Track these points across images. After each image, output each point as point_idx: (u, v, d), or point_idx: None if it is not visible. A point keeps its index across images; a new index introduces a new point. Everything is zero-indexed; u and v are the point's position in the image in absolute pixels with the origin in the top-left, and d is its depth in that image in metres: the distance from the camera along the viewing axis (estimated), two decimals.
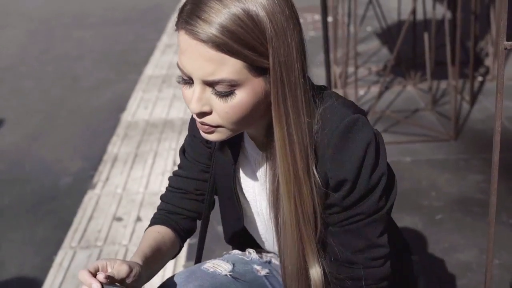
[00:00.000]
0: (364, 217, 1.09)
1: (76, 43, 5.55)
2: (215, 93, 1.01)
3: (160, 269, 1.28)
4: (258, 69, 1.00)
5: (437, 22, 3.76)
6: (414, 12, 3.43)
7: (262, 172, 1.21)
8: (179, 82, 1.06)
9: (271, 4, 0.98)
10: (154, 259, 1.22)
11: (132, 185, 2.81)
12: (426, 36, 3.60)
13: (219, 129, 1.05)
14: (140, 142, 3.31)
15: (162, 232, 1.29)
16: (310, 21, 5.87)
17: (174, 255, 1.33)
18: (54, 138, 3.53)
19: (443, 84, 3.83)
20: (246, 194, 1.27)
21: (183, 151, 1.35)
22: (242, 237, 1.36)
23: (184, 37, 0.99)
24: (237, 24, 0.96)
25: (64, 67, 4.90)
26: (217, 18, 0.96)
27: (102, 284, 1.01)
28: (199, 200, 1.33)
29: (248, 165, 1.25)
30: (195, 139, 1.32)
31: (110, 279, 1.03)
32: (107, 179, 2.90)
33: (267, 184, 1.15)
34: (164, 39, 5.33)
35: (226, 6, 0.96)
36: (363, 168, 1.06)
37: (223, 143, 1.25)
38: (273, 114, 1.03)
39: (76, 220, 2.56)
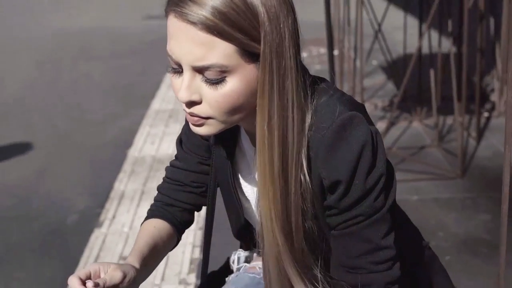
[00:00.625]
0: (364, 219, 1.03)
1: (83, 75, 5.60)
2: (205, 81, 0.96)
3: (157, 265, 1.25)
4: (250, 55, 0.96)
5: (443, 57, 3.78)
6: (420, 49, 3.45)
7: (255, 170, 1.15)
8: (168, 72, 1.01)
9: None
10: (152, 257, 1.19)
11: (139, 223, 2.82)
12: (432, 72, 3.62)
13: (209, 121, 1.00)
14: (147, 179, 3.32)
15: (159, 226, 1.25)
16: (316, 54, 5.91)
17: (171, 248, 1.29)
18: (61, 174, 3.54)
19: (449, 120, 3.83)
20: (245, 190, 1.21)
21: (179, 141, 1.30)
22: (247, 231, 1.30)
23: (173, 21, 0.95)
24: (229, 6, 0.92)
25: (71, 100, 4.94)
26: (209, 0, 0.92)
27: None
28: (196, 193, 1.29)
29: (245, 161, 1.19)
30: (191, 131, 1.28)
31: (102, 286, 0.99)
32: (113, 217, 2.90)
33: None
34: None
35: None
36: (358, 169, 1.00)
37: (219, 138, 1.19)
38: (257, 103, 0.98)
39: (82, 260, 2.55)
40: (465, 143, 3.44)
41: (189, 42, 0.93)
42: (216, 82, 0.95)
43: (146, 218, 1.27)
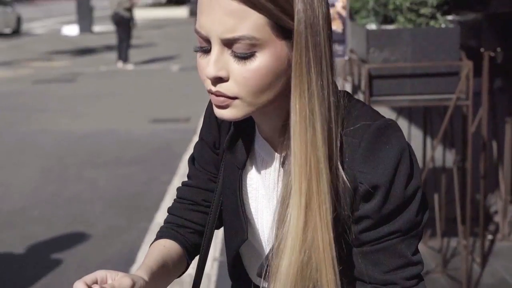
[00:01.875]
0: (401, 235, 0.97)
1: (88, 184, 5.63)
2: (234, 56, 0.93)
3: (166, 285, 1.17)
4: (281, 30, 0.92)
5: (447, 176, 3.81)
6: (423, 172, 3.48)
7: (272, 179, 1.08)
8: (195, 51, 0.98)
9: None
10: (160, 275, 1.11)
11: None
12: (436, 196, 3.64)
13: (235, 102, 0.95)
14: None
15: (168, 246, 1.19)
16: None
17: (181, 273, 1.22)
18: None
19: (453, 242, 3.82)
20: (252, 205, 1.13)
21: (192, 159, 1.26)
22: (242, 265, 1.21)
23: None
24: None
25: (75, 211, 4.94)
26: None
27: None
28: (207, 213, 1.21)
29: (254, 173, 1.12)
30: (202, 143, 1.23)
31: None
32: None
33: (278, 191, 1.00)
34: (175, 182, 5.40)
35: None
36: (397, 175, 0.95)
37: (233, 142, 1.11)
38: (293, 83, 0.93)
39: None
40: (469, 269, 3.41)
41: (220, 12, 0.91)
42: (245, 57, 0.92)
43: (155, 240, 1.21)
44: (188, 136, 6.74)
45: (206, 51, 0.95)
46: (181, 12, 31.83)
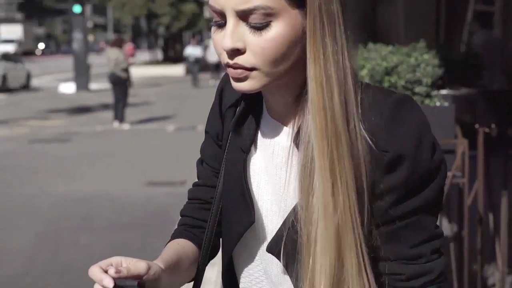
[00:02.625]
0: (428, 207, 0.97)
1: (82, 250, 5.58)
2: (250, 27, 0.94)
3: (181, 281, 1.16)
4: None
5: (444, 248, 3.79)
6: None
7: (281, 158, 1.05)
8: (211, 25, 0.99)
9: None
10: (175, 269, 1.11)
11: None
12: None
13: (253, 73, 0.96)
14: None
15: (183, 244, 1.18)
16: None
17: (194, 272, 1.20)
18: None
19: None
20: (255, 192, 1.11)
21: (200, 161, 1.26)
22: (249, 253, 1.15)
23: None
24: None
25: (69, 280, 4.88)
26: None
27: (114, 280, 0.91)
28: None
29: (258, 157, 1.11)
30: (206, 137, 1.24)
31: (125, 274, 0.93)
32: None
33: (289, 168, 1.00)
34: None
35: None
36: (424, 143, 0.95)
37: (239, 125, 1.11)
38: (308, 49, 0.94)
39: None
40: None
41: None
42: (260, 27, 0.93)
43: (169, 241, 1.21)
44: (184, 200, 6.68)
45: (221, 25, 0.97)
46: (178, 70, 32.18)
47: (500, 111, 3.38)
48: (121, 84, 12.90)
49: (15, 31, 62.38)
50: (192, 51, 24.39)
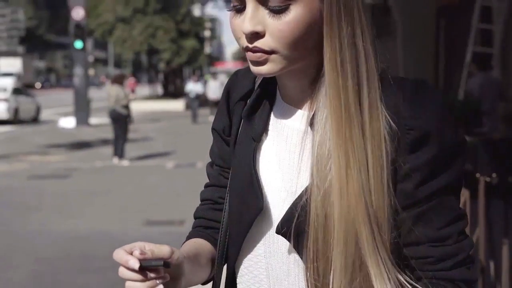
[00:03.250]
0: (454, 187, 0.97)
1: None
2: (269, 11, 0.96)
3: (200, 278, 1.16)
4: None
5: None
6: None
7: (295, 142, 1.07)
8: (229, 11, 1.01)
9: None
10: (195, 262, 1.11)
11: None
12: None
13: (272, 56, 0.98)
14: None
15: (199, 241, 1.19)
16: None
17: (210, 271, 1.19)
18: None
19: None
20: (263, 179, 1.11)
21: (210, 164, 1.28)
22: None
23: None
24: None
25: None
26: None
27: (140, 261, 0.91)
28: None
29: (268, 144, 1.12)
30: (213, 134, 1.25)
31: (149, 256, 0.94)
32: None
33: (303, 150, 1.02)
34: None
35: None
36: (448, 121, 0.95)
37: (252, 112, 1.12)
38: (324, 32, 0.96)
39: None
40: None
41: None
42: (279, 10, 0.95)
43: (184, 242, 1.22)
44: (182, 241, 6.67)
45: (240, 10, 0.99)
46: (177, 105, 32.34)
47: (501, 160, 3.39)
48: (121, 120, 12.93)
49: (15, 64, 62.79)
50: (193, 87, 24.53)
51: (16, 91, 24.15)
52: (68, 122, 22.56)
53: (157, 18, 31.67)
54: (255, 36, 0.98)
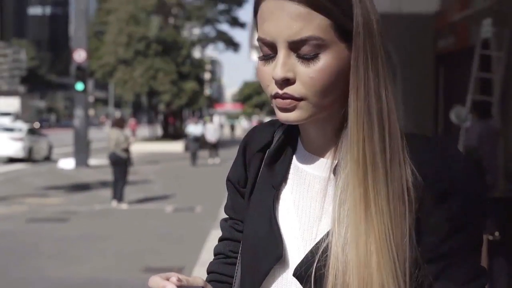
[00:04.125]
0: (477, 242, 0.97)
1: None
2: (300, 58, 0.99)
3: None
4: (343, 33, 0.99)
5: None
6: None
7: (316, 190, 1.09)
8: (259, 58, 1.03)
9: None
10: None
11: None
12: None
13: (301, 103, 1.00)
14: None
15: None
16: None
17: None
18: None
19: None
20: (283, 227, 1.12)
21: (224, 219, 1.29)
22: None
23: (269, 4, 0.99)
24: None
25: None
26: None
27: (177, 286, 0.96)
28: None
29: (287, 193, 1.13)
30: (227, 185, 1.26)
31: (185, 284, 0.97)
32: None
33: (327, 197, 1.03)
34: None
35: None
36: (474, 175, 0.97)
37: (273, 160, 1.14)
38: (351, 80, 0.99)
39: None
40: None
41: (287, 17, 0.98)
42: (310, 58, 0.98)
43: None
44: None
45: (270, 58, 1.02)
46: (177, 146, 32.40)
47: (504, 218, 3.39)
48: (121, 164, 12.93)
49: (13, 104, 63.06)
50: (193, 129, 24.52)
51: (31, 131, 25.81)
52: (67, 163, 22.54)
53: (158, 60, 31.92)
54: (285, 82, 1.01)
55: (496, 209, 3.38)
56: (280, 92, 1.01)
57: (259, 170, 1.20)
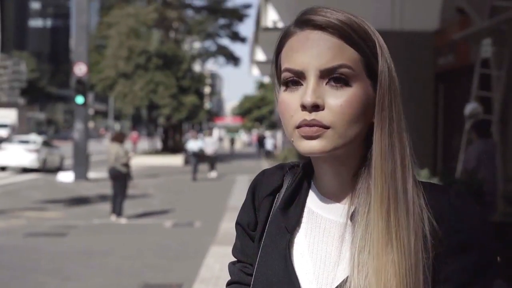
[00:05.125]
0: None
1: None
2: (330, 85, 1.02)
3: None
4: (369, 70, 1.04)
5: None
6: None
7: (333, 235, 1.09)
8: (286, 86, 1.05)
9: None
10: None
11: None
12: None
13: (327, 132, 1.01)
14: None
15: None
16: None
17: None
18: None
19: None
20: (299, 271, 1.12)
21: (233, 262, 1.28)
22: None
23: (301, 34, 1.04)
24: (353, 21, 1.03)
25: None
26: (335, 14, 1.03)
27: None
28: None
29: (301, 236, 1.14)
30: (238, 228, 1.25)
31: None
32: None
33: (344, 242, 1.04)
34: None
35: (342, 11, 1.04)
36: (489, 231, 1.00)
37: (288, 204, 1.15)
38: (376, 118, 1.03)
39: None
40: None
41: (320, 47, 1.03)
42: (341, 85, 1.02)
43: None
44: None
45: (296, 85, 1.05)
46: (176, 160, 32.39)
47: (504, 243, 3.39)
48: (120, 178, 12.92)
49: (10, 115, 63.07)
50: (193, 144, 24.29)
51: (45, 144, 27.78)
52: (66, 177, 22.52)
53: (158, 74, 31.96)
54: (315, 109, 1.02)
55: (497, 234, 3.38)
56: (308, 118, 1.03)
57: (269, 213, 1.21)
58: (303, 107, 1.04)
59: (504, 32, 8.69)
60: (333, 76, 1.03)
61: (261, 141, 42.48)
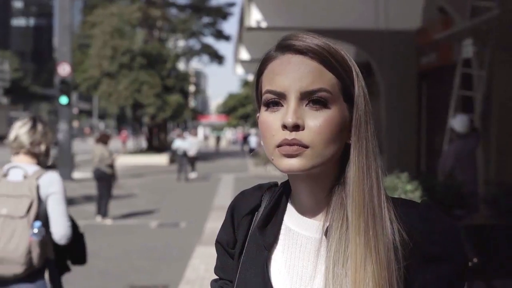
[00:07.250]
0: None
1: None
2: (310, 107, 1.09)
3: None
4: (346, 94, 1.11)
5: None
6: None
7: (308, 250, 1.15)
8: (267, 106, 1.11)
9: None
10: None
11: None
12: None
13: (306, 151, 1.07)
14: None
15: None
16: None
17: None
18: None
19: None
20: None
21: (215, 280, 1.33)
22: None
23: (283, 58, 1.11)
24: (331, 47, 1.11)
25: None
26: (315, 40, 1.10)
27: None
28: None
29: (278, 253, 1.19)
30: (218, 247, 1.31)
31: None
32: None
33: (321, 256, 1.09)
34: None
35: (321, 37, 1.11)
36: (460, 243, 1.03)
37: (265, 223, 1.20)
38: (353, 139, 1.09)
39: None
40: None
41: (300, 71, 1.09)
42: (318, 108, 1.09)
43: None
44: None
45: (277, 106, 1.11)
46: (161, 159, 32.28)
47: (482, 245, 3.45)
48: (105, 179, 12.89)
49: None
50: (181, 144, 23.94)
51: (56, 144, 27.66)
52: None
53: (142, 73, 31.84)
54: (295, 129, 1.09)
55: (475, 236, 3.44)
56: (289, 138, 1.09)
57: (248, 232, 1.27)
58: (284, 127, 1.10)
59: (484, 33, 8.78)
60: (312, 98, 1.10)
61: (246, 139, 42.39)
